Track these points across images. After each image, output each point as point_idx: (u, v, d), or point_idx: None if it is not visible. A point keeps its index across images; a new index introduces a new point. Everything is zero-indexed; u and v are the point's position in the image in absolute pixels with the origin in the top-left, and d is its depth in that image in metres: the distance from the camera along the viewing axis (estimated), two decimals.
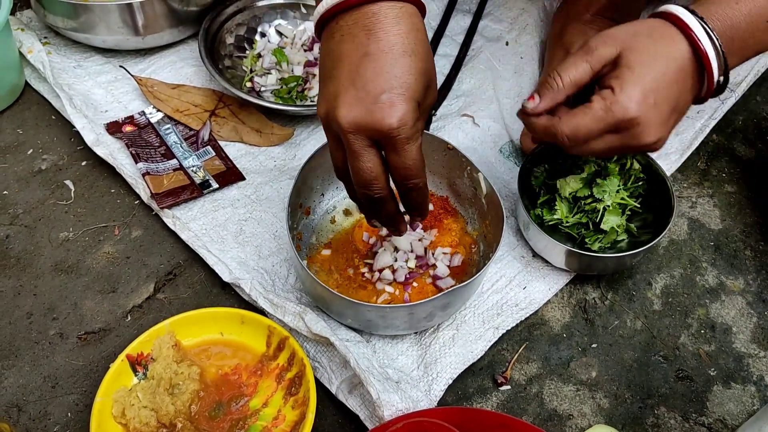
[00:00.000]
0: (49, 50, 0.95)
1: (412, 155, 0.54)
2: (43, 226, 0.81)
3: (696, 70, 0.59)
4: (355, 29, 0.52)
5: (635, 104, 0.56)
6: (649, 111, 0.57)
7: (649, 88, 0.57)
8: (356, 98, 0.51)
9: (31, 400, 0.68)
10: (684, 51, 0.58)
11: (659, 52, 0.58)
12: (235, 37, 0.96)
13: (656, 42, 0.58)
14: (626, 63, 0.57)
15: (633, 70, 0.57)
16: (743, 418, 0.69)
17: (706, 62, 0.58)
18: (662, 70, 0.57)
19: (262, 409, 0.66)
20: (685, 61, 0.58)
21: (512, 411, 0.69)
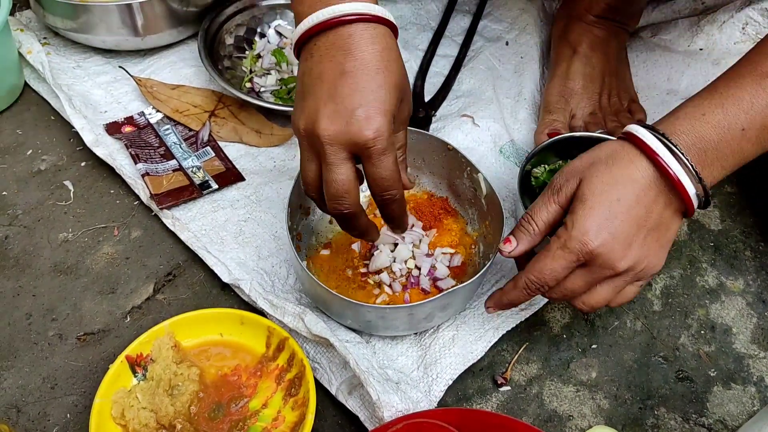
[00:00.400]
0: (48, 51, 0.95)
1: (388, 166, 0.56)
2: (43, 227, 0.81)
3: (667, 186, 0.57)
4: (332, 50, 0.55)
5: (588, 236, 0.56)
6: (605, 240, 0.56)
7: (603, 217, 0.57)
8: (335, 112, 0.54)
9: (30, 401, 0.68)
10: (646, 170, 0.57)
11: (615, 177, 0.57)
12: (234, 37, 0.96)
13: (612, 167, 0.58)
14: (580, 195, 0.58)
15: (585, 202, 0.57)
16: (743, 418, 0.69)
17: (673, 178, 0.56)
18: (617, 196, 0.57)
19: (261, 410, 0.66)
20: (648, 180, 0.57)
21: (512, 412, 0.69)
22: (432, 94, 0.94)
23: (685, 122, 0.57)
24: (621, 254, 0.57)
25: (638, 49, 0.99)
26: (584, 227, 0.57)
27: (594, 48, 0.90)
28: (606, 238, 0.56)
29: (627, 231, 0.57)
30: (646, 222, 0.58)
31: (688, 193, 0.57)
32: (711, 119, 0.56)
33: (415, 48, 1.00)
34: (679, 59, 0.96)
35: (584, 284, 0.60)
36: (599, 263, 0.58)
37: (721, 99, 0.57)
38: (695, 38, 0.97)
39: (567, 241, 0.57)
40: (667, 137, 0.56)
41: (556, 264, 0.58)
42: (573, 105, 0.88)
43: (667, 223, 0.59)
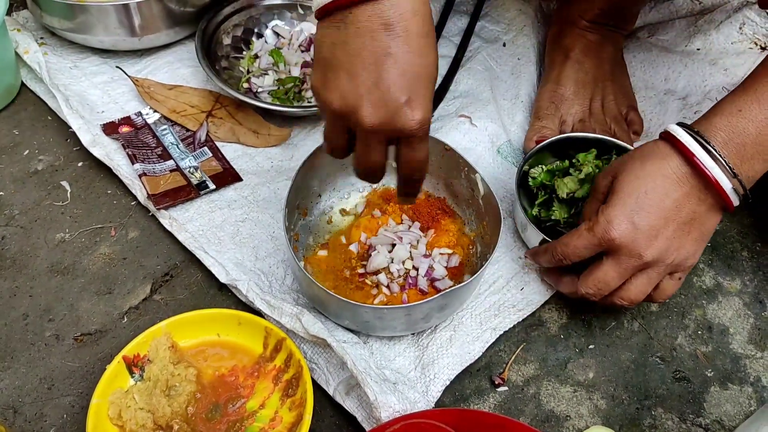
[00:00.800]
0: (45, 51, 0.94)
1: (424, 149, 0.57)
2: (39, 227, 0.80)
3: (701, 183, 0.60)
4: (373, 23, 0.51)
5: (612, 224, 0.61)
6: (628, 230, 0.61)
7: (630, 208, 0.61)
8: (381, 101, 0.52)
9: (27, 401, 0.68)
10: (678, 167, 0.61)
11: (646, 171, 0.61)
12: (232, 38, 0.96)
13: (645, 163, 0.62)
14: (614, 188, 0.63)
15: (616, 193, 0.62)
16: (740, 419, 0.69)
17: (706, 175, 0.59)
18: (645, 189, 0.61)
19: (258, 411, 0.66)
20: (680, 176, 0.60)
21: (509, 412, 0.69)
22: None
23: (723, 119, 0.59)
24: (645, 244, 0.60)
25: (635, 50, 0.99)
26: (610, 215, 0.61)
27: (587, 53, 0.90)
28: (628, 227, 0.60)
29: (653, 223, 0.60)
30: (677, 216, 0.61)
31: (723, 188, 0.59)
32: (748, 114, 0.58)
33: None
34: (676, 59, 0.96)
35: (616, 275, 0.63)
36: (624, 252, 0.61)
37: (756, 94, 0.59)
38: (693, 38, 0.97)
39: (594, 225, 0.62)
40: (701, 134, 0.59)
41: (579, 242, 0.63)
42: (563, 111, 0.88)
43: (702, 218, 0.62)
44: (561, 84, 0.89)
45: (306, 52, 0.95)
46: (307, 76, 0.93)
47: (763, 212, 0.86)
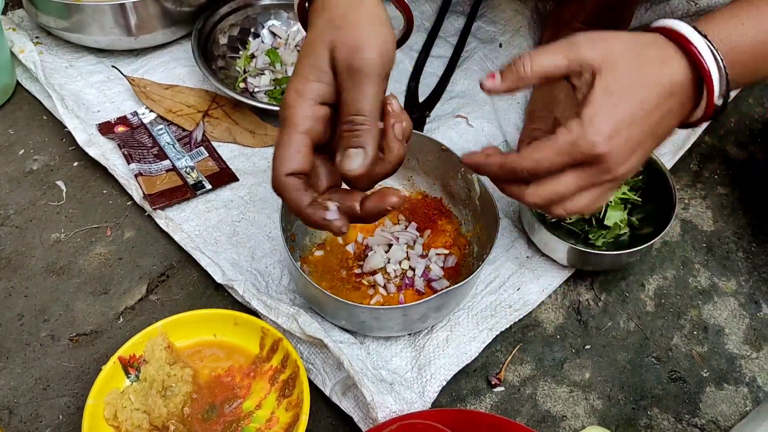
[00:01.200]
0: (40, 50, 0.94)
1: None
2: (35, 227, 0.80)
3: (692, 92, 0.53)
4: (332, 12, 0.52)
5: (603, 139, 0.51)
6: (618, 145, 0.51)
7: (622, 119, 0.51)
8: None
9: (23, 402, 0.68)
10: (678, 71, 0.52)
11: (644, 75, 0.52)
12: (228, 37, 0.96)
13: (643, 63, 0.53)
14: (603, 85, 0.52)
15: (607, 97, 0.51)
16: (736, 419, 0.69)
17: (709, 84, 0.52)
18: (641, 98, 0.52)
19: (255, 411, 0.66)
20: (676, 83, 0.53)
21: (506, 412, 0.69)
22: (426, 94, 0.94)
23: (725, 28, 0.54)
24: (624, 159, 0.52)
25: None
26: (601, 128, 0.51)
27: None
28: (619, 142, 0.51)
29: (638, 138, 0.52)
30: (656, 129, 0.53)
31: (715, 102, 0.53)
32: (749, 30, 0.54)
33: (410, 49, 1.00)
34: None
35: (576, 189, 0.54)
36: (602, 167, 0.52)
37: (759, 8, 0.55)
38: None
39: (579, 138, 0.51)
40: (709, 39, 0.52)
41: (557, 159, 0.52)
42: (557, 113, 0.88)
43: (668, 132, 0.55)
44: (554, 86, 0.89)
45: None
46: None
47: (759, 213, 0.86)
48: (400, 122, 0.53)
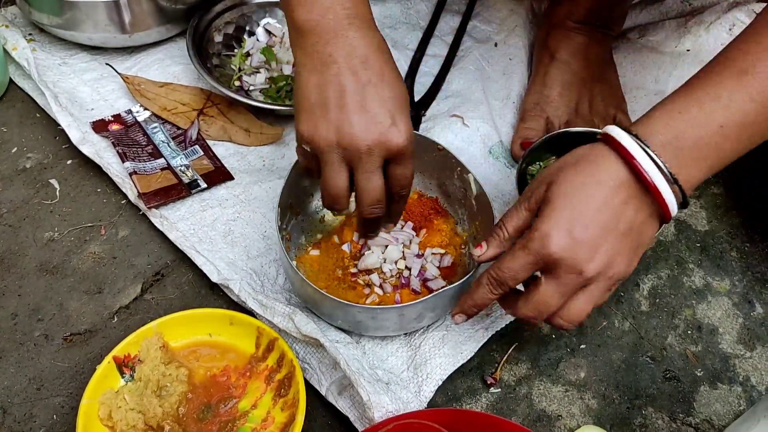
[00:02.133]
0: (33, 47, 0.93)
1: (411, 166, 0.63)
2: (28, 226, 0.80)
3: (639, 189, 0.55)
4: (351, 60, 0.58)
5: (549, 238, 0.54)
6: (567, 244, 0.54)
7: (566, 219, 0.55)
8: (371, 123, 0.58)
9: (16, 402, 0.67)
10: (615, 172, 0.55)
11: (583, 179, 0.55)
12: (223, 35, 0.95)
13: (580, 170, 0.56)
14: (547, 198, 0.56)
15: (549, 204, 0.56)
16: (730, 418, 0.70)
17: (646, 180, 0.54)
18: (582, 198, 0.55)
19: (251, 411, 0.65)
20: (617, 182, 0.55)
21: (502, 412, 0.69)
22: (422, 93, 0.94)
23: (660, 121, 0.55)
24: (587, 258, 0.55)
25: (626, 51, 0.99)
26: (545, 229, 0.55)
27: (574, 54, 0.89)
28: (567, 241, 0.54)
29: (592, 235, 0.55)
30: (616, 227, 0.55)
31: (662, 195, 0.54)
32: (687, 116, 0.54)
33: (405, 47, 1.00)
34: (666, 60, 0.97)
35: (556, 295, 0.57)
36: (564, 268, 0.55)
37: (697, 96, 0.55)
38: (682, 39, 0.98)
39: (528, 241, 0.56)
40: (641, 138, 0.54)
41: (514, 263, 0.57)
42: (550, 112, 0.88)
43: (640, 227, 0.57)
44: (547, 85, 0.89)
45: None
46: None
47: (753, 213, 0.86)
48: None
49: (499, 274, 0.58)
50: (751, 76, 0.54)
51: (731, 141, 0.55)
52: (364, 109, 0.58)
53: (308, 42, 0.59)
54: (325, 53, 0.58)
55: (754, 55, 0.54)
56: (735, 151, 0.56)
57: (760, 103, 0.54)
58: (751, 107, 0.54)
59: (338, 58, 0.58)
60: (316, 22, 0.58)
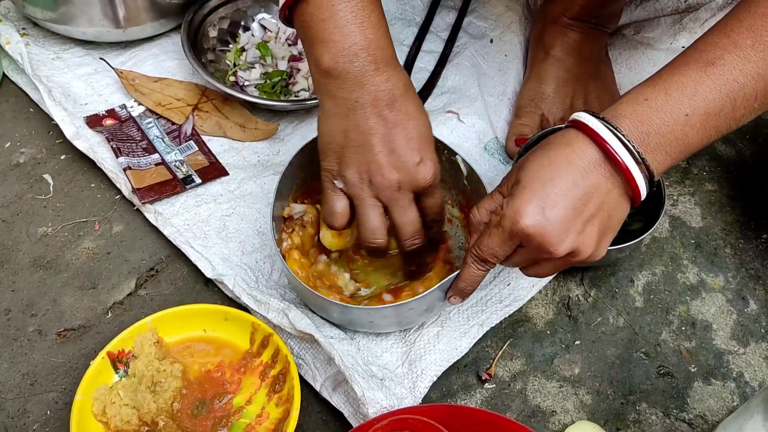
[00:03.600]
0: (27, 41, 0.93)
1: (440, 195, 0.66)
2: (21, 221, 0.79)
3: (610, 170, 0.56)
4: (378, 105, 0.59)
5: (520, 216, 0.55)
6: (538, 221, 0.55)
7: (536, 197, 0.55)
8: (399, 163, 0.60)
9: (9, 397, 0.67)
10: (584, 152, 0.56)
11: (550, 159, 0.56)
12: (218, 30, 0.95)
13: (548, 151, 0.57)
14: (518, 179, 0.57)
15: (520, 184, 0.57)
16: (723, 414, 0.70)
17: (616, 160, 0.55)
18: (550, 176, 0.55)
19: (245, 407, 0.65)
20: (588, 163, 0.55)
21: (496, 407, 0.69)
22: (417, 89, 0.93)
23: (628, 107, 0.56)
24: (557, 240, 0.55)
25: (621, 47, 0.99)
26: (515, 206, 0.56)
27: (568, 51, 0.89)
28: (538, 218, 0.55)
29: (563, 214, 0.55)
30: (586, 207, 0.56)
31: (633, 174, 0.55)
32: (654, 104, 0.55)
33: (400, 43, 1.00)
34: (662, 57, 0.97)
35: (524, 261, 0.60)
36: (535, 245, 0.56)
37: (664, 85, 0.56)
38: (678, 36, 0.98)
39: (501, 219, 0.57)
40: (608, 120, 0.55)
41: (491, 240, 0.58)
42: (544, 109, 0.88)
43: (610, 208, 0.57)
44: (542, 82, 0.89)
45: (293, 46, 0.95)
46: (294, 70, 0.92)
47: (747, 209, 0.87)
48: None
49: (478, 253, 0.60)
50: (716, 67, 0.55)
51: (696, 130, 0.56)
52: (391, 150, 0.60)
53: (333, 86, 0.60)
54: (351, 99, 0.59)
55: (721, 47, 0.55)
56: (701, 139, 0.57)
57: (725, 93, 0.55)
58: (716, 97, 0.55)
59: (365, 103, 0.59)
60: (341, 69, 0.59)
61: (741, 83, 0.55)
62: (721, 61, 0.55)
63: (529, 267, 0.61)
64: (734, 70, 0.54)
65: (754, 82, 0.55)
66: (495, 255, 0.59)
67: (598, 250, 0.58)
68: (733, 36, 0.55)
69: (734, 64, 0.54)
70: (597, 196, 0.56)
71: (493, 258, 0.60)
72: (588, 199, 0.56)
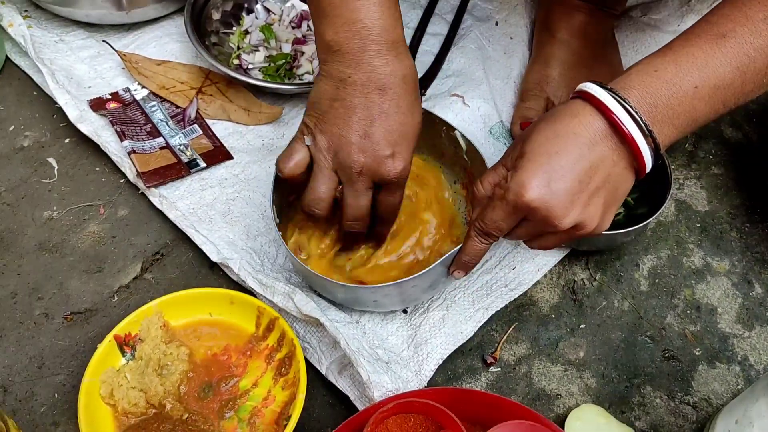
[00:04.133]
0: (30, 24, 0.92)
1: (400, 196, 0.65)
2: (26, 205, 0.79)
3: (616, 142, 0.55)
4: (367, 86, 0.58)
5: (524, 188, 0.54)
6: (543, 193, 0.54)
7: (541, 169, 0.54)
8: (369, 149, 0.59)
9: (17, 380, 0.67)
10: (591, 124, 0.55)
11: (556, 131, 0.55)
12: (221, 12, 0.94)
13: (555, 123, 0.56)
14: (522, 152, 0.56)
15: (524, 156, 0.56)
16: (728, 397, 0.70)
17: (623, 131, 0.54)
18: (556, 149, 0.54)
19: (251, 390, 0.66)
20: (594, 134, 0.54)
21: (501, 391, 0.69)
22: (422, 73, 0.93)
23: (637, 78, 0.55)
24: (562, 212, 0.55)
25: (628, 29, 0.98)
26: (520, 179, 0.55)
27: (574, 34, 0.88)
28: (543, 191, 0.54)
29: (568, 187, 0.54)
30: (592, 179, 0.55)
31: (639, 146, 0.54)
32: (663, 75, 0.54)
33: (405, 26, 0.97)
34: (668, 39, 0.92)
35: (529, 234, 0.60)
36: (539, 218, 0.55)
37: (675, 56, 0.55)
38: (685, 18, 0.97)
39: (505, 192, 0.56)
40: (615, 91, 0.54)
41: (494, 213, 0.58)
42: (550, 92, 0.87)
43: (615, 181, 0.56)
44: (547, 65, 0.88)
45: (297, 29, 0.94)
46: (298, 53, 0.92)
47: (753, 193, 0.86)
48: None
49: (482, 226, 0.59)
50: (727, 39, 0.54)
51: (705, 103, 0.55)
52: (367, 134, 0.59)
53: (332, 58, 0.59)
54: (345, 73, 0.59)
55: (733, 20, 0.54)
56: (708, 113, 0.56)
57: (735, 66, 0.54)
58: (727, 70, 0.54)
59: (357, 80, 0.58)
60: (342, 44, 0.58)
61: (752, 57, 0.54)
62: (733, 34, 0.54)
63: (533, 240, 0.61)
64: (746, 44, 0.54)
65: (764, 57, 0.54)
66: (499, 228, 0.59)
67: (603, 222, 0.58)
68: (745, 9, 0.55)
69: (746, 37, 0.54)
70: (603, 169, 0.55)
71: (497, 231, 0.59)
72: (594, 172, 0.55)
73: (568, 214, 0.55)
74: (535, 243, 0.61)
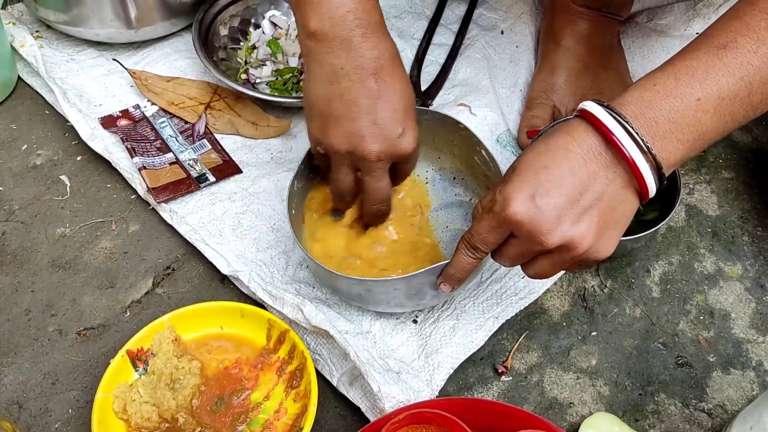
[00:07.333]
0: (41, 44, 0.94)
1: (416, 158, 0.68)
2: (39, 222, 0.80)
3: (612, 160, 0.53)
4: (361, 74, 0.60)
5: (509, 202, 0.53)
6: (527, 208, 0.53)
7: (528, 183, 0.53)
8: (381, 135, 0.61)
9: (32, 397, 0.68)
10: (586, 139, 0.53)
11: (548, 145, 0.54)
12: (229, 28, 0.95)
13: (548, 139, 0.55)
14: (513, 167, 0.56)
15: (514, 170, 0.55)
16: (743, 403, 0.70)
17: (618, 147, 0.52)
18: (545, 163, 0.53)
19: (263, 403, 0.66)
20: (587, 150, 0.53)
21: (513, 400, 0.69)
22: (428, 83, 0.93)
23: (634, 93, 0.53)
24: (548, 226, 0.53)
25: (634, 35, 0.98)
26: (506, 192, 0.54)
27: (579, 41, 0.88)
28: (527, 205, 0.53)
29: (555, 202, 0.52)
30: (582, 195, 0.53)
31: (636, 164, 0.52)
32: (662, 89, 0.53)
33: (411, 37, 1.00)
34: (675, 44, 0.96)
35: (519, 254, 0.57)
36: (524, 233, 0.54)
37: (674, 70, 0.53)
38: (691, 22, 0.97)
39: (492, 204, 0.55)
40: (612, 107, 0.53)
41: (480, 227, 0.57)
42: (556, 100, 0.87)
43: (612, 201, 0.54)
44: (553, 73, 0.88)
45: None
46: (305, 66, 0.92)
47: (764, 197, 0.86)
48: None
49: (469, 239, 0.59)
50: (728, 50, 0.53)
51: (710, 115, 0.53)
52: (374, 122, 0.60)
53: (319, 50, 0.60)
54: (336, 65, 0.59)
55: (733, 30, 0.53)
56: (716, 126, 0.54)
57: (740, 77, 0.52)
58: (730, 81, 0.52)
59: (349, 70, 0.59)
60: (327, 32, 0.59)
61: (756, 66, 0.52)
62: (733, 44, 0.53)
63: (528, 264, 0.58)
64: (748, 53, 0.52)
65: None
66: (484, 242, 0.58)
67: (600, 244, 0.55)
68: (745, 19, 0.53)
69: (747, 46, 0.52)
70: (596, 186, 0.53)
71: (483, 245, 0.58)
72: (584, 188, 0.53)
73: (555, 229, 0.53)
74: (530, 269, 0.58)
